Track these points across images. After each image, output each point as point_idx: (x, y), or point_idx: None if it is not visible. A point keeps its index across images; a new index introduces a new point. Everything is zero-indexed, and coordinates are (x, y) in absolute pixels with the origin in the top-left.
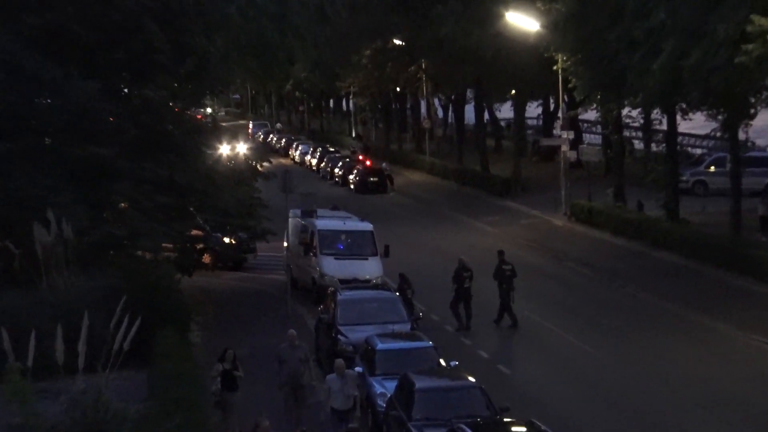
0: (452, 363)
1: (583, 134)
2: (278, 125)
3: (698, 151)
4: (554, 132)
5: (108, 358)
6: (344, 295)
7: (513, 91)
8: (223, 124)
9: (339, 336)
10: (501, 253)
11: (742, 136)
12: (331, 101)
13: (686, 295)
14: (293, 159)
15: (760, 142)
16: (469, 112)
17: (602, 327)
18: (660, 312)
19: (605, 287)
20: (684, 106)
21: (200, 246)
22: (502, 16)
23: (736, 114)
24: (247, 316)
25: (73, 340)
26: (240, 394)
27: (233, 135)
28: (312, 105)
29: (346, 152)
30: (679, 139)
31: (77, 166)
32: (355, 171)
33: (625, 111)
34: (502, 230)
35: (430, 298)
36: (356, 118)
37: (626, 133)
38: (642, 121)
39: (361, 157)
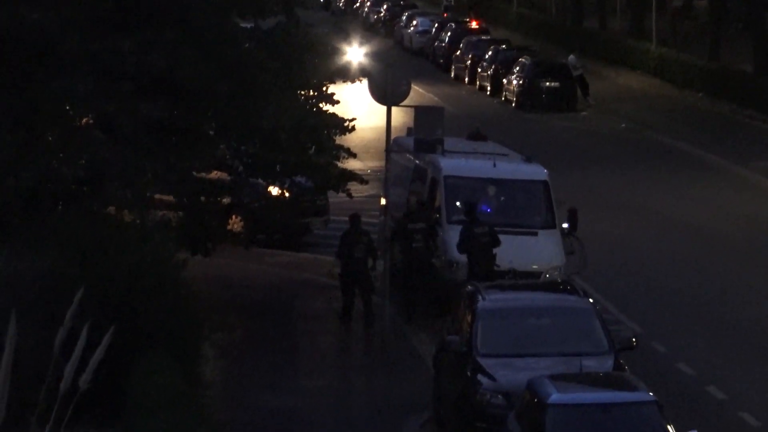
0: None
1: None
2: None
3: None
4: None
5: (50, 404)
6: (491, 300)
7: None
8: None
9: (480, 376)
10: (470, 209)
11: None
12: None
13: None
14: (402, 43)
15: None
16: None
17: None
18: None
19: None
20: None
21: (224, 201)
22: None
23: None
24: (305, 334)
25: None
26: None
27: None
28: None
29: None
30: None
31: None
32: (518, 68)
33: None
34: None
35: (650, 309)
36: None
37: None
38: None
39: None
